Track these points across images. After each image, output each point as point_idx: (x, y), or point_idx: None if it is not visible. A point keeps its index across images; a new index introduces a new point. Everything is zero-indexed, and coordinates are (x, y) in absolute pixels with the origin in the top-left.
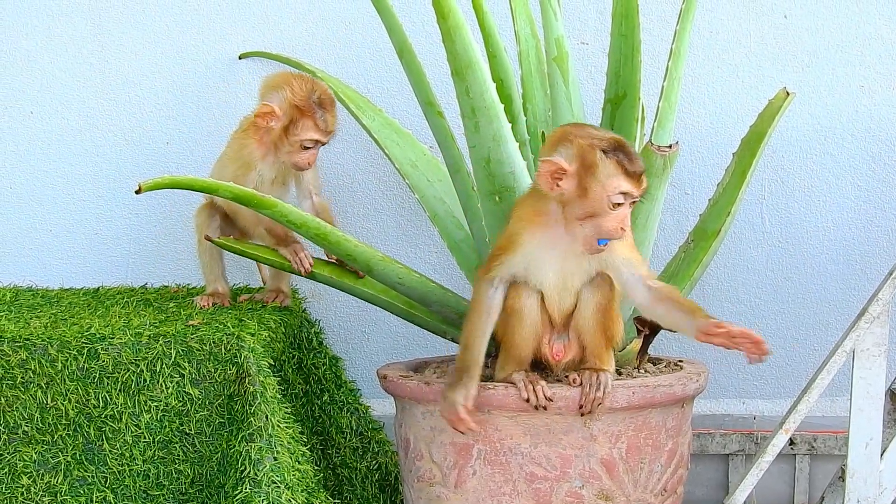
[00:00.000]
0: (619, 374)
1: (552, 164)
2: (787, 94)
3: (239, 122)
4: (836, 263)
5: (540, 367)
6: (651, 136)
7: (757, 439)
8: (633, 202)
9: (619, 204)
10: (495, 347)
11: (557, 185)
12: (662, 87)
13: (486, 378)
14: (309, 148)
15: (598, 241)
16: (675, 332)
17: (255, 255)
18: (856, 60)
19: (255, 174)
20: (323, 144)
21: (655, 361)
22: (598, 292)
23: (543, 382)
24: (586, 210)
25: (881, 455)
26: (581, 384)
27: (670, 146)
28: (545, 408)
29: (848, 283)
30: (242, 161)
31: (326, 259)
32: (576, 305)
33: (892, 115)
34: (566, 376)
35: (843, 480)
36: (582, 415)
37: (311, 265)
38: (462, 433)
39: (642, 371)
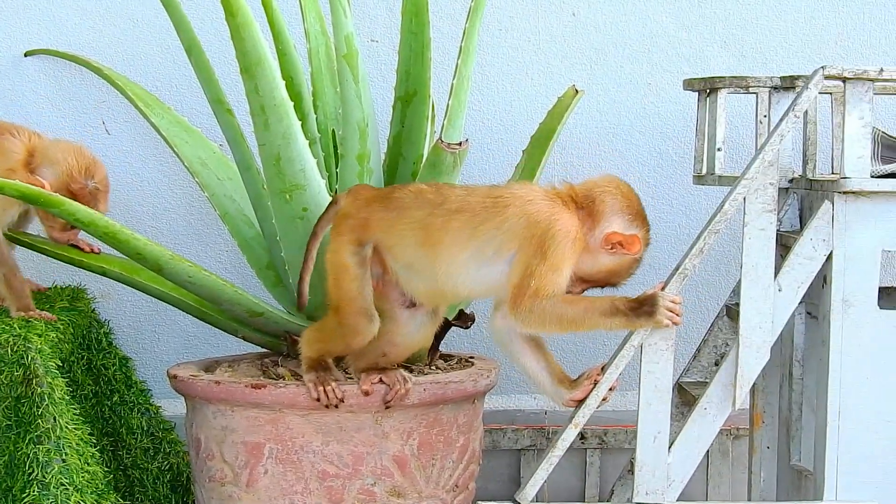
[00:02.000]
0: (411, 370)
1: (634, 243)
2: (576, 91)
3: None
4: None
5: None
6: (441, 133)
7: (548, 434)
8: None
9: None
10: (291, 341)
11: (611, 249)
12: (452, 84)
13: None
14: (74, 228)
15: None
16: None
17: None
18: (643, 58)
19: (7, 216)
20: None
21: (447, 358)
22: None
23: (334, 383)
24: (616, 278)
25: (669, 448)
26: (385, 383)
27: (460, 143)
28: (336, 406)
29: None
30: None
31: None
32: None
33: (677, 111)
34: (357, 375)
35: (633, 473)
36: (387, 407)
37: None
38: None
39: (433, 368)
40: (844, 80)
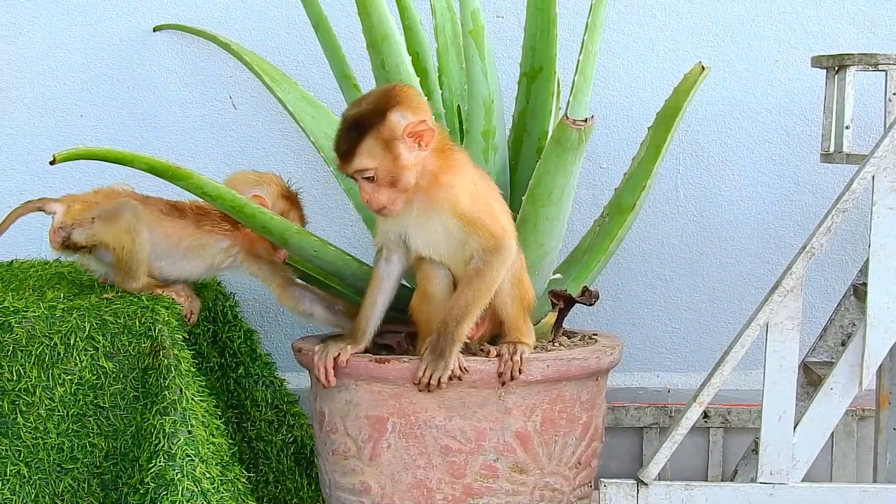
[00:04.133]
0: (534, 347)
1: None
2: (703, 68)
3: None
4: (750, 237)
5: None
6: (567, 109)
7: (671, 412)
8: (366, 179)
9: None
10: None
11: None
12: (578, 61)
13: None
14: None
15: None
16: None
17: None
18: (770, 34)
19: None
20: None
21: (570, 335)
22: None
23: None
24: None
25: (794, 428)
26: (499, 356)
27: (585, 120)
28: (459, 378)
29: (762, 256)
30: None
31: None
32: None
33: (805, 89)
34: (481, 349)
35: (757, 453)
36: (503, 383)
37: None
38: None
39: (557, 344)
40: None
